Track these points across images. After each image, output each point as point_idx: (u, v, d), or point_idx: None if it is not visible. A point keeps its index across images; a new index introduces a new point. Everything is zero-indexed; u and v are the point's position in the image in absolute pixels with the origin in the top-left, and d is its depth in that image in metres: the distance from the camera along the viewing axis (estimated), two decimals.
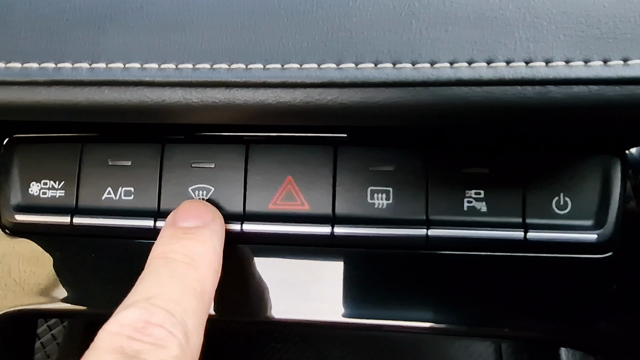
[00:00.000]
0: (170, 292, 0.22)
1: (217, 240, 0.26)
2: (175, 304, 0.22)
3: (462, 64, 0.19)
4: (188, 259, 0.24)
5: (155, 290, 0.22)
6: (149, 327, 0.20)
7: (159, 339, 0.20)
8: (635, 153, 0.27)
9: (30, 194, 0.29)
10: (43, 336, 0.59)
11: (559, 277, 0.27)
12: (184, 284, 0.23)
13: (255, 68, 0.20)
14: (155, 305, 0.21)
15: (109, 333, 0.20)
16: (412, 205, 0.27)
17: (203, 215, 0.26)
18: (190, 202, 0.27)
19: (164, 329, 0.20)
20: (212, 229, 0.26)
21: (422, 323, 0.29)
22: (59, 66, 0.21)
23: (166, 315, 0.21)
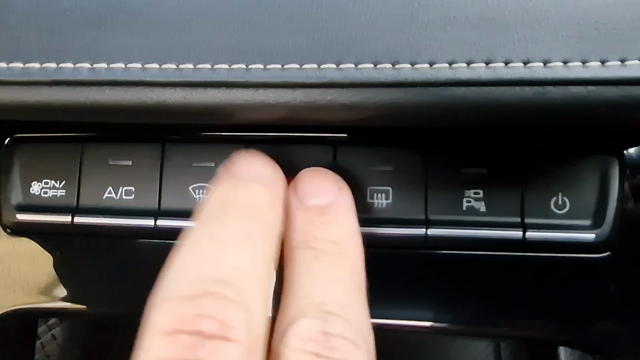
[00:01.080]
0: (336, 294, 0.20)
1: (354, 218, 0.23)
2: (347, 308, 0.19)
3: (461, 65, 0.20)
4: (337, 248, 0.21)
5: (320, 294, 0.19)
6: (332, 340, 0.18)
7: (345, 352, 0.18)
8: (633, 153, 0.27)
9: (31, 193, 0.30)
10: (43, 336, 0.59)
11: (558, 276, 0.27)
12: (346, 282, 0.20)
13: (255, 68, 0.20)
14: (329, 312, 0.19)
15: (294, 351, 0.18)
16: (411, 204, 0.27)
17: (330, 188, 0.23)
18: (310, 172, 0.24)
19: (347, 340, 0.18)
20: (345, 205, 0.23)
21: (421, 322, 0.29)
22: (60, 66, 0.21)
23: (344, 323, 0.19)
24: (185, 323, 0.16)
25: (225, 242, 0.19)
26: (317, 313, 0.19)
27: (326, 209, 0.22)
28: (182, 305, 0.17)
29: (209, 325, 0.16)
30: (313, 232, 0.22)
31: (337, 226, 0.22)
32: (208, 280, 0.17)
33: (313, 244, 0.21)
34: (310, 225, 0.22)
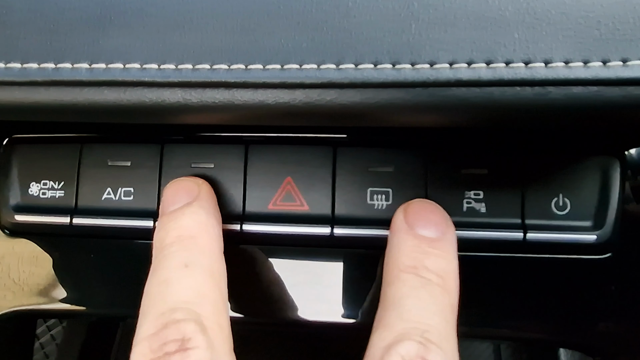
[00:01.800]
0: (439, 327, 0.21)
1: (456, 254, 0.25)
2: (446, 342, 0.21)
3: (462, 65, 0.19)
4: (442, 282, 0.23)
5: (424, 322, 0.21)
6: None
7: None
8: (635, 154, 0.27)
9: (30, 194, 0.29)
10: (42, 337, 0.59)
11: (558, 278, 0.27)
12: (446, 317, 0.22)
13: (254, 68, 0.20)
14: (431, 341, 0.21)
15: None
16: None
17: (441, 223, 0.25)
18: (423, 203, 0.26)
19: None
20: (452, 243, 0.25)
21: None
22: (59, 66, 0.21)
23: (443, 355, 0.20)
24: (154, 353, 0.20)
25: (169, 281, 0.22)
26: (420, 339, 0.21)
27: (436, 242, 0.24)
28: (150, 342, 0.21)
29: (171, 346, 0.20)
30: (423, 261, 0.23)
31: (444, 261, 0.24)
32: (163, 315, 0.21)
33: (422, 272, 0.23)
34: (421, 254, 0.23)
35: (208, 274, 0.23)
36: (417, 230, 0.24)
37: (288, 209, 0.28)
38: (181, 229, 0.24)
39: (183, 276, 0.23)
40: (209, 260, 0.24)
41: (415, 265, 0.23)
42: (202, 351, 0.20)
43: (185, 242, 0.24)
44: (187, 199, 0.26)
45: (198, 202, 0.26)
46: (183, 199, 0.26)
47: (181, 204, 0.26)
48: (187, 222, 0.25)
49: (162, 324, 0.21)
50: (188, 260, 0.23)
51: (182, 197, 0.26)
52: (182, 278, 0.22)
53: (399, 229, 0.25)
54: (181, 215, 0.25)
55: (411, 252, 0.24)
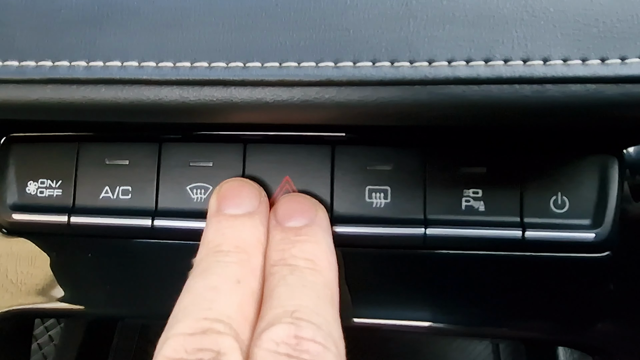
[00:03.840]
0: (308, 303, 0.22)
1: (329, 237, 0.25)
2: (317, 316, 0.21)
3: (460, 63, 0.19)
4: (311, 264, 0.23)
5: (293, 303, 0.22)
6: (303, 343, 0.20)
7: (315, 354, 0.20)
8: (633, 152, 0.27)
9: (27, 193, 0.29)
10: (40, 337, 0.58)
11: (557, 276, 0.27)
12: (317, 293, 0.23)
13: (253, 66, 0.20)
14: (300, 319, 0.21)
15: (267, 352, 0.20)
16: (410, 204, 0.27)
17: (307, 211, 0.26)
18: (289, 197, 0.27)
19: (317, 344, 0.20)
20: (321, 226, 0.25)
21: (420, 323, 0.29)
22: (56, 64, 0.21)
23: (314, 328, 0.21)
24: (188, 354, 0.20)
25: (218, 289, 0.22)
26: (289, 319, 0.21)
27: (302, 230, 0.25)
28: (186, 340, 0.20)
29: (207, 354, 0.20)
30: (290, 250, 0.24)
31: (312, 245, 0.24)
32: (205, 321, 0.21)
33: (289, 260, 0.24)
34: (287, 244, 0.24)
35: (254, 297, 0.23)
36: (284, 224, 0.25)
37: None
38: (240, 241, 0.24)
39: (234, 291, 0.22)
40: (257, 283, 0.24)
41: (283, 257, 0.24)
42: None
43: (242, 257, 0.24)
44: (249, 207, 0.25)
45: (259, 217, 0.25)
46: (245, 205, 0.25)
47: (242, 210, 0.25)
48: (247, 236, 0.24)
49: (203, 328, 0.21)
50: (241, 277, 0.23)
51: (244, 203, 0.26)
52: (232, 293, 0.22)
53: (270, 228, 0.25)
54: (242, 226, 0.25)
55: (279, 246, 0.24)
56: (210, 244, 0.24)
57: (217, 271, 0.23)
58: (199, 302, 0.22)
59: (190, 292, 0.23)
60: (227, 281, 0.23)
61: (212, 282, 0.23)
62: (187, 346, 0.20)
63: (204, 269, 0.23)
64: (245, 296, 0.23)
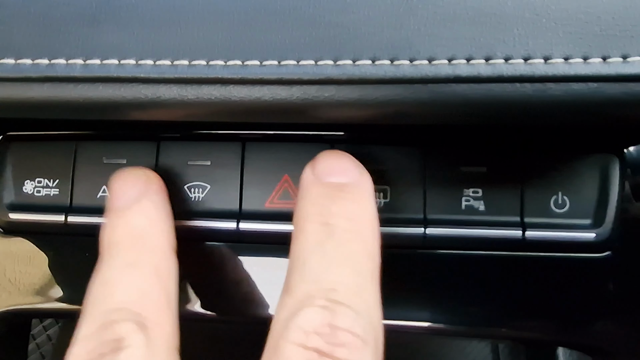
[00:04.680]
0: (349, 282, 0.19)
1: (374, 202, 0.22)
2: (358, 298, 0.18)
3: (461, 61, 0.19)
4: (352, 226, 0.20)
5: (329, 279, 0.19)
6: (338, 334, 0.17)
7: (352, 350, 0.17)
8: (634, 152, 0.27)
9: (24, 192, 0.29)
10: (38, 337, 0.58)
11: (557, 276, 0.27)
12: (358, 268, 0.19)
13: (251, 65, 0.20)
14: (338, 302, 0.18)
15: (294, 346, 0.17)
16: (409, 204, 0.27)
17: (352, 169, 0.22)
18: (332, 152, 0.23)
19: (355, 337, 0.18)
20: (368, 189, 0.22)
21: (418, 323, 0.28)
22: (53, 62, 0.21)
23: (353, 316, 0.18)
24: (89, 354, 0.19)
25: (111, 281, 0.22)
26: (324, 302, 0.18)
27: (345, 187, 0.22)
28: (86, 342, 0.20)
29: (106, 346, 0.19)
30: (329, 206, 0.21)
31: (355, 204, 0.21)
32: (100, 315, 0.20)
33: (328, 218, 0.20)
34: (327, 199, 0.21)
35: (153, 273, 0.22)
36: (324, 179, 0.22)
37: (285, 207, 0.28)
38: (128, 228, 0.23)
39: (125, 276, 0.22)
40: (156, 259, 0.23)
41: (321, 212, 0.21)
42: (135, 350, 0.19)
43: (133, 241, 0.23)
44: (135, 193, 0.24)
45: (147, 197, 0.24)
46: (131, 193, 0.24)
47: (129, 199, 0.24)
48: (135, 220, 0.23)
49: (99, 324, 0.20)
50: (133, 260, 0.22)
51: (130, 192, 0.24)
52: (124, 278, 0.22)
53: (305, 182, 0.23)
54: (129, 212, 0.24)
55: (316, 199, 0.21)
56: (103, 242, 0.24)
57: (109, 264, 0.22)
58: (93, 300, 0.21)
59: (88, 295, 0.22)
60: (118, 269, 0.22)
61: (105, 277, 0.22)
62: (88, 347, 0.20)
63: (98, 268, 0.23)
64: (141, 275, 0.22)
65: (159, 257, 0.23)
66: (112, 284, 0.22)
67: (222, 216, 0.27)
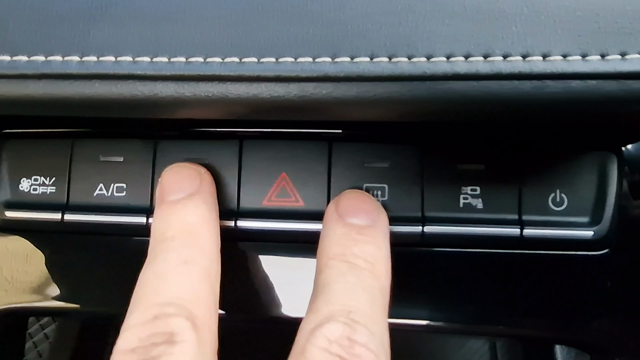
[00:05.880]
0: (366, 308, 0.21)
1: (388, 243, 0.25)
2: (373, 323, 0.21)
3: (459, 58, 0.19)
4: (371, 267, 0.23)
5: (350, 303, 0.21)
6: (356, 347, 0.20)
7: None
8: (632, 150, 0.27)
9: (20, 190, 0.29)
10: (35, 335, 0.58)
11: (555, 274, 0.27)
12: (374, 299, 0.22)
13: (249, 62, 0.20)
14: (357, 322, 0.21)
15: (319, 349, 0.20)
16: (407, 201, 0.27)
17: (371, 211, 0.25)
18: (354, 193, 0.26)
19: (370, 352, 0.20)
20: (383, 230, 0.25)
21: (417, 321, 0.28)
22: (49, 59, 0.21)
23: (369, 335, 0.20)
24: (141, 341, 0.20)
25: (166, 275, 0.22)
26: (345, 319, 0.21)
27: (366, 229, 0.24)
28: (138, 330, 0.21)
29: (159, 337, 0.20)
30: (351, 248, 0.23)
31: (373, 247, 0.24)
32: (155, 307, 0.21)
33: (350, 258, 0.23)
34: (349, 241, 0.24)
35: (205, 275, 0.23)
36: (347, 219, 0.25)
37: (283, 205, 0.28)
38: (183, 223, 0.24)
39: (181, 273, 0.22)
40: (208, 261, 0.23)
41: (344, 252, 0.23)
42: (189, 346, 0.20)
43: (187, 238, 0.23)
44: (189, 189, 0.25)
45: (201, 196, 0.25)
46: (185, 188, 0.25)
47: (183, 194, 0.25)
48: (190, 217, 0.24)
49: (153, 315, 0.21)
50: (188, 258, 0.23)
51: (185, 187, 0.25)
52: (179, 274, 0.22)
53: (330, 219, 0.25)
54: (183, 208, 0.24)
55: (340, 240, 0.24)
56: (156, 234, 0.24)
57: (163, 257, 0.23)
58: (148, 291, 0.22)
59: (140, 284, 0.23)
60: (173, 264, 0.22)
61: (159, 269, 0.23)
62: (140, 335, 0.20)
63: (151, 259, 0.23)
64: (195, 275, 0.22)
65: (209, 259, 0.24)
66: (167, 277, 0.22)
67: (220, 214, 0.27)
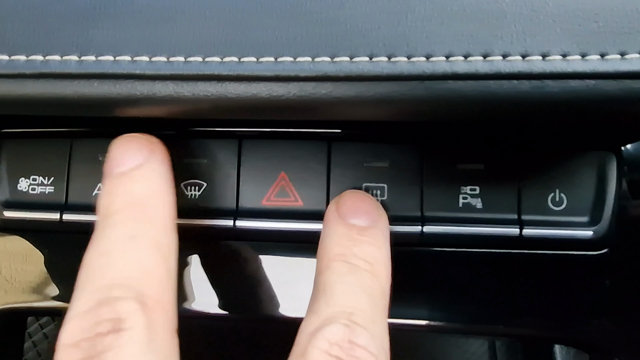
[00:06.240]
0: (366, 309, 0.21)
1: (389, 244, 0.25)
2: (373, 324, 0.21)
3: (458, 58, 0.19)
4: (371, 267, 0.23)
5: (351, 305, 0.21)
6: (356, 349, 0.20)
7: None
8: (631, 149, 0.27)
9: (19, 190, 0.29)
10: (34, 335, 0.58)
11: (555, 274, 0.27)
12: (374, 300, 0.22)
13: (248, 61, 0.20)
14: (357, 324, 0.21)
15: (320, 351, 0.20)
16: (406, 201, 0.27)
17: (372, 212, 0.25)
18: (355, 194, 0.26)
19: (370, 354, 0.20)
20: (383, 231, 0.25)
21: (416, 321, 0.28)
22: (47, 58, 0.20)
23: (369, 337, 0.20)
24: (85, 332, 0.18)
25: (110, 253, 0.21)
26: (346, 321, 0.21)
27: (366, 230, 0.24)
28: (82, 320, 0.19)
29: (104, 326, 0.18)
30: (351, 248, 0.23)
31: (374, 248, 0.24)
32: (99, 291, 0.19)
33: (350, 259, 0.23)
34: (350, 241, 0.24)
35: (155, 248, 0.21)
36: (348, 220, 0.24)
37: (282, 204, 0.28)
38: (129, 196, 0.22)
39: (127, 249, 0.21)
40: (158, 232, 0.22)
41: (344, 253, 0.23)
42: (138, 332, 0.19)
43: (134, 211, 0.22)
44: (138, 159, 0.23)
45: (150, 165, 0.23)
46: (133, 159, 0.23)
47: (131, 165, 0.23)
48: (137, 188, 0.22)
49: (98, 300, 0.19)
50: (134, 232, 0.21)
51: (133, 157, 0.23)
52: (125, 251, 0.20)
53: (330, 219, 0.25)
54: (130, 179, 0.22)
55: (340, 241, 0.24)
56: (100, 209, 0.22)
57: (107, 234, 0.21)
58: (91, 273, 0.20)
59: (83, 266, 0.21)
60: (118, 241, 0.21)
61: (103, 247, 0.21)
62: (84, 325, 0.19)
63: (95, 237, 0.21)
64: (143, 249, 0.21)
65: (160, 231, 0.22)
66: (111, 256, 0.20)
67: (219, 214, 0.27)
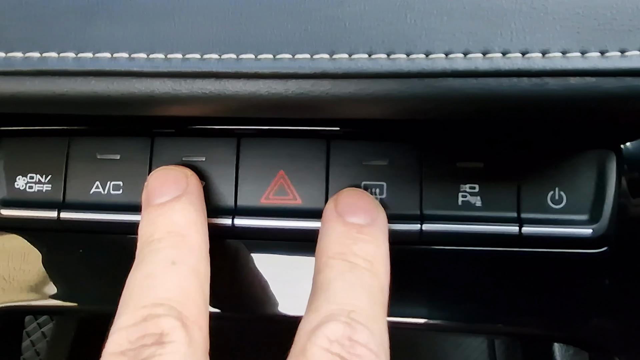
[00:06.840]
0: (366, 307, 0.22)
1: (387, 242, 0.25)
2: (373, 322, 0.21)
3: (458, 55, 0.19)
4: (370, 266, 0.23)
5: (351, 302, 0.21)
6: (356, 347, 0.20)
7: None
8: (631, 147, 0.27)
9: (16, 188, 0.29)
10: (33, 334, 0.58)
11: (554, 272, 0.27)
12: (374, 298, 0.22)
13: (246, 58, 0.20)
14: (357, 321, 0.21)
15: (320, 349, 0.20)
16: (406, 199, 0.27)
17: (371, 210, 0.25)
18: (353, 191, 0.26)
19: (370, 351, 0.20)
20: (382, 229, 0.25)
21: (415, 319, 0.28)
22: (44, 56, 0.20)
23: (369, 335, 0.21)
24: (131, 344, 0.20)
25: (154, 275, 0.22)
26: (346, 319, 0.21)
27: (365, 228, 0.24)
28: (128, 332, 0.20)
29: (149, 338, 0.20)
30: (350, 247, 0.24)
31: (373, 246, 0.24)
32: (144, 308, 0.21)
33: (349, 257, 0.23)
34: (349, 239, 0.24)
35: (194, 274, 0.23)
36: (346, 218, 0.25)
37: (281, 203, 0.28)
38: (170, 225, 0.24)
39: (169, 273, 0.22)
40: (196, 260, 0.23)
41: (343, 251, 0.23)
42: (179, 345, 0.20)
43: (174, 239, 0.24)
44: (175, 191, 0.25)
45: (187, 197, 0.25)
46: (171, 191, 0.25)
47: (169, 196, 0.25)
48: (176, 218, 0.24)
49: (143, 316, 0.21)
50: (176, 258, 0.23)
51: (171, 189, 0.25)
52: (168, 274, 0.22)
53: (329, 217, 0.25)
54: (170, 211, 0.24)
55: (339, 239, 0.24)
56: (143, 236, 0.24)
57: (151, 259, 0.23)
58: (136, 292, 0.22)
59: (128, 286, 0.23)
60: (161, 265, 0.23)
61: (148, 271, 0.23)
62: (130, 337, 0.20)
63: (139, 262, 0.23)
64: (184, 275, 0.22)
65: (198, 259, 0.24)
66: (155, 278, 0.22)
67: (217, 212, 0.27)
